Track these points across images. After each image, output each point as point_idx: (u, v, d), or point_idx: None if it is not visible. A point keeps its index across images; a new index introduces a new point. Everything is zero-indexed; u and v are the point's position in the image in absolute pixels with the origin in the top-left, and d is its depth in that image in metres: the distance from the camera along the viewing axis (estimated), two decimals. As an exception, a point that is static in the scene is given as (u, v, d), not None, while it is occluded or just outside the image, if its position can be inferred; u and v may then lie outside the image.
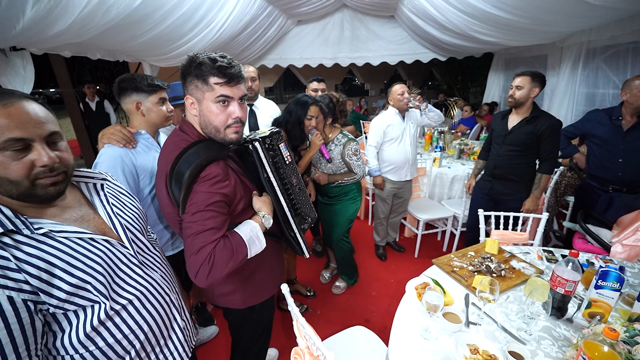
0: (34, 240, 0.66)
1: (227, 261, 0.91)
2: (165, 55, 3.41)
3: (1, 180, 0.64)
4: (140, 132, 1.36)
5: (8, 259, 0.61)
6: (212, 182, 0.92)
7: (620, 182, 2.08)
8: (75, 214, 0.77)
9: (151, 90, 1.32)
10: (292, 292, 2.42)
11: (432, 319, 1.10)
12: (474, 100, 7.61)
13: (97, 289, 0.71)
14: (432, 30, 4.12)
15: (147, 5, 2.34)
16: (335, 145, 2.03)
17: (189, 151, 0.95)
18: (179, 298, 0.98)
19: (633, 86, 1.95)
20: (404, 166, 2.60)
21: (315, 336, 0.99)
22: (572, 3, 2.29)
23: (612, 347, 0.78)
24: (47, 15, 1.77)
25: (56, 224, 0.70)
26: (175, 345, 0.91)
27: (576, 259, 1.12)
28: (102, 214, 0.82)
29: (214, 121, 0.96)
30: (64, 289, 0.66)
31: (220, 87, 0.93)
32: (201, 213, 0.90)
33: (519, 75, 2.01)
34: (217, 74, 0.91)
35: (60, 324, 0.69)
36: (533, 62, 4.35)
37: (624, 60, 2.93)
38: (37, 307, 0.64)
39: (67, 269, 0.67)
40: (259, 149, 1.04)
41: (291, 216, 1.15)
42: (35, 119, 0.66)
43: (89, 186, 0.84)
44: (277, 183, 1.09)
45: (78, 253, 0.70)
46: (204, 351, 1.96)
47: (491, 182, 2.24)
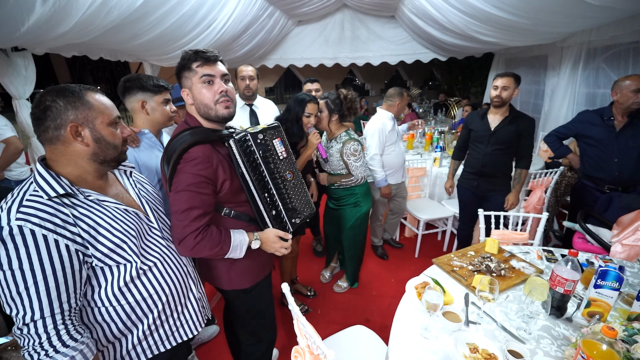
0: (85, 204, 0.82)
1: (214, 245, 1.04)
2: (166, 55, 3.42)
3: (109, 145, 0.86)
4: (143, 131, 1.37)
5: (67, 215, 0.77)
6: (194, 164, 1.01)
7: (617, 182, 2.10)
8: (114, 191, 0.94)
9: (156, 90, 1.35)
10: (292, 291, 2.43)
11: (432, 318, 1.10)
12: (475, 100, 7.60)
13: (131, 248, 0.87)
14: (433, 31, 4.13)
15: (148, 5, 2.35)
16: (336, 142, 2.00)
17: (180, 134, 1.06)
18: (195, 272, 1.14)
19: (624, 86, 1.97)
20: (401, 169, 2.61)
21: (316, 335, 1.00)
22: (572, 3, 2.29)
23: (610, 345, 0.79)
24: (52, 17, 1.78)
25: (100, 195, 0.87)
26: (190, 313, 1.07)
27: (575, 258, 1.12)
28: (132, 194, 1.00)
29: (204, 99, 1.06)
30: (107, 245, 0.82)
31: (202, 68, 1.04)
32: (183, 193, 1.00)
33: (502, 76, 2.08)
34: (197, 59, 1.04)
35: (98, 279, 0.84)
36: (533, 62, 4.36)
37: (625, 60, 2.93)
38: (85, 258, 0.80)
39: (110, 229, 0.83)
40: (233, 147, 1.07)
41: (265, 211, 1.16)
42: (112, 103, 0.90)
43: (120, 172, 1.02)
44: (252, 179, 1.11)
45: (117, 219, 0.86)
46: (204, 350, 1.96)
47: (477, 180, 2.30)
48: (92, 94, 0.84)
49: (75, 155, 0.83)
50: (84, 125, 0.81)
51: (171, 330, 1.01)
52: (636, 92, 1.92)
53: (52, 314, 0.73)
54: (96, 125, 0.83)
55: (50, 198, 0.76)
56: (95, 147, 0.84)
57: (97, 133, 0.83)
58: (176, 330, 1.02)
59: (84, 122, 0.81)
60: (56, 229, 0.74)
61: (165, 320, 0.99)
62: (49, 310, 0.73)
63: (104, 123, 0.85)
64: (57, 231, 0.74)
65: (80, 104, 0.80)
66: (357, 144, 1.95)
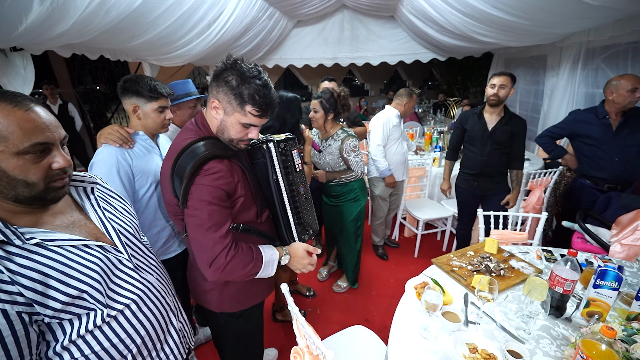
0: (26, 250, 0.64)
1: (247, 263, 0.96)
2: (165, 55, 3.41)
3: (17, 182, 0.64)
4: (138, 133, 1.36)
5: (1, 271, 0.60)
6: (215, 177, 0.94)
7: (618, 180, 2.10)
8: (67, 220, 0.75)
9: (151, 97, 1.30)
10: (292, 292, 2.43)
11: (431, 318, 1.10)
12: (474, 100, 7.61)
13: (94, 296, 0.69)
14: (431, 31, 4.13)
15: (147, 5, 2.35)
16: (334, 140, 2.00)
17: (197, 144, 0.96)
18: (175, 300, 0.98)
19: (619, 86, 1.97)
20: (401, 167, 2.63)
21: (315, 335, 1.00)
22: (570, 4, 2.29)
23: (609, 345, 0.79)
24: (50, 16, 1.77)
25: (48, 233, 0.68)
26: (171, 347, 0.91)
27: (575, 258, 1.12)
28: (94, 218, 0.80)
29: (232, 134, 1.00)
30: (60, 299, 0.64)
31: (253, 118, 0.97)
32: (206, 207, 0.92)
33: (499, 75, 2.09)
34: (255, 106, 0.95)
35: (55, 333, 0.67)
36: (532, 62, 4.36)
37: (624, 60, 2.93)
38: (32, 318, 0.62)
39: (62, 279, 0.65)
40: (272, 150, 1.06)
41: (294, 222, 1.14)
42: (51, 123, 0.67)
43: (79, 190, 0.82)
44: (285, 186, 1.10)
45: (72, 262, 0.68)
46: (202, 351, 1.96)
47: (477, 181, 2.30)
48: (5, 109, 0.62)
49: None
50: None
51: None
52: (632, 92, 1.92)
53: None
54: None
55: None
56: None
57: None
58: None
59: None
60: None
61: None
62: None
63: (8, 152, 0.62)
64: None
65: None
66: (355, 139, 1.99)
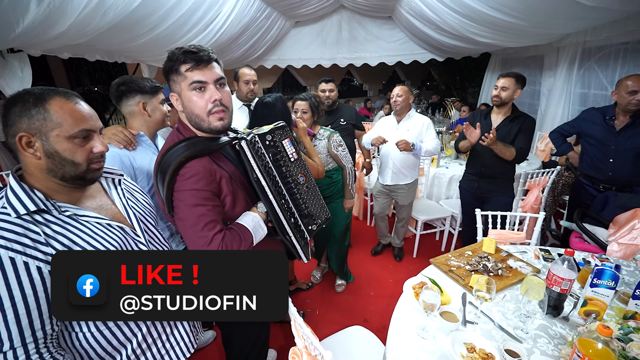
0: (61, 220, 0.75)
1: (239, 246, 0.95)
2: (164, 56, 3.41)
3: (66, 162, 0.75)
4: (140, 134, 1.36)
5: (39, 233, 0.70)
6: (194, 181, 0.91)
7: (610, 182, 2.11)
8: (96, 203, 0.86)
9: (154, 91, 1.35)
10: (292, 291, 2.43)
11: (429, 318, 1.10)
12: (472, 100, 7.63)
13: None
14: (429, 32, 4.15)
15: (145, 6, 2.35)
16: (319, 140, 2.00)
17: (175, 147, 0.94)
18: None
19: (621, 87, 1.97)
20: (386, 169, 2.59)
21: (313, 336, 1.00)
22: (566, 4, 2.31)
23: (606, 344, 0.79)
24: (47, 18, 1.77)
25: (79, 209, 0.79)
26: (181, 334, 0.99)
27: (572, 257, 1.13)
28: (119, 205, 0.91)
29: (195, 109, 0.94)
30: None
31: (192, 72, 0.91)
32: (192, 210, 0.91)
33: (504, 76, 2.07)
34: (186, 60, 0.90)
35: None
36: (530, 62, 4.38)
37: (614, 60, 2.95)
38: None
39: (87, 248, 0.76)
40: (245, 149, 0.96)
41: (285, 218, 1.08)
42: (93, 114, 0.80)
43: (108, 180, 0.94)
44: (268, 184, 1.03)
45: (96, 235, 0.79)
46: (199, 357, 1.94)
47: (477, 181, 2.30)
48: (60, 101, 0.73)
49: (34, 168, 0.75)
50: (37, 137, 0.72)
51: (160, 353, 0.92)
52: (632, 94, 1.92)
53: (24, 344, 0.66)
54: (50, 138, 0.72)
55: (19, 216, 0.69)
56: (48, 162, 0.74)
57: (49, 147, 0.73)
58: (166, 353, 0.94)
59: (37, 133, 0.72)
60: (25, 250, 0.67)
61: (153, 343, 0.91)
62: (19, 340, 0.66)
63: (62, 136, 0.73)
64: (26, 252, 0.67)
65: (35, 112, 0.71)
66: (338, 134, 2.01)
